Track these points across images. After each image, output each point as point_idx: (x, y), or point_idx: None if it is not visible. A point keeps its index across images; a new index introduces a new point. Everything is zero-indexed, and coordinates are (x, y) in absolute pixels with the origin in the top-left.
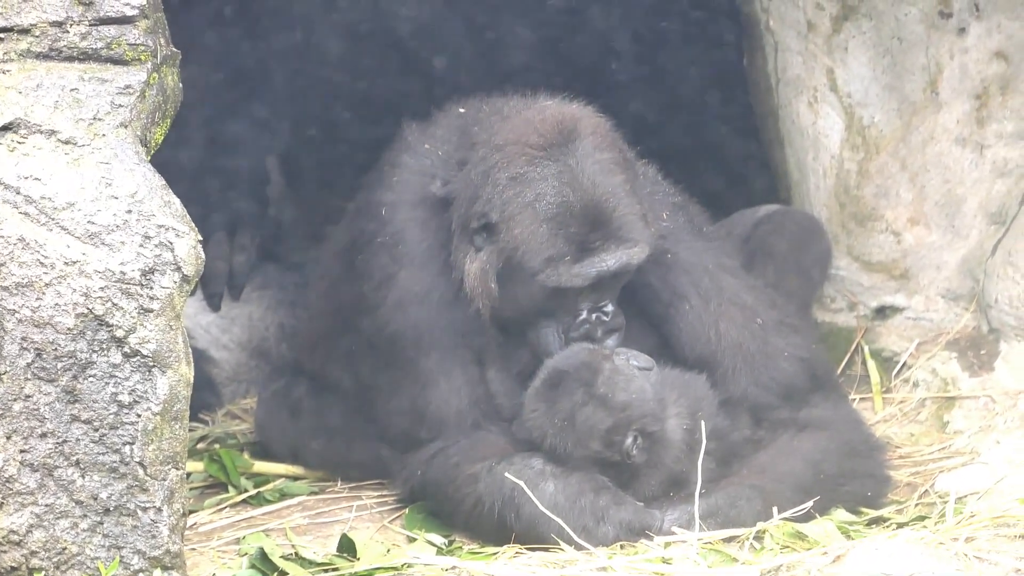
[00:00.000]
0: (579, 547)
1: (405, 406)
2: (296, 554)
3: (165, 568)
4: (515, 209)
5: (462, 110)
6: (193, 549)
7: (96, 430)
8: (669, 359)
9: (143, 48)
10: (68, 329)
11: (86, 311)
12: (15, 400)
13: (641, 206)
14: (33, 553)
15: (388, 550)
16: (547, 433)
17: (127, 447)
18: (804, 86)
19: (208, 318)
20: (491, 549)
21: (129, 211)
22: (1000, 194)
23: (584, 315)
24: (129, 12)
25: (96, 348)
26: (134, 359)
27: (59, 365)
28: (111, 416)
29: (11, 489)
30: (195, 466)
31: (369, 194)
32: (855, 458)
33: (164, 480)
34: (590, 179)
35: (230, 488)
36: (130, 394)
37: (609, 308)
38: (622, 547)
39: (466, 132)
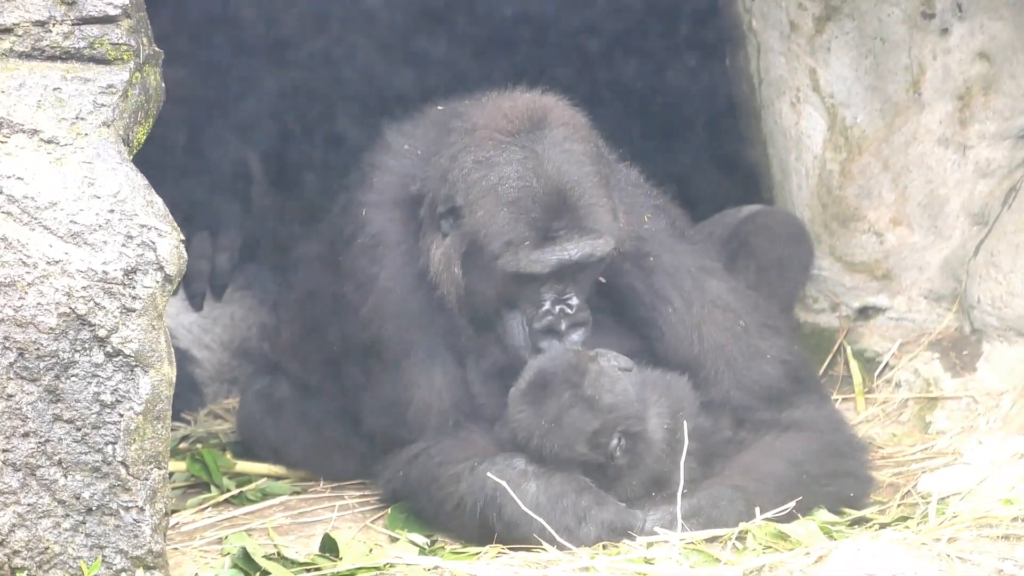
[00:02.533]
0: (561, 547)
1: (387, 406)
2: (278, 554)
3: (147, 568)
4: (479, 192)
5: (440, 108)
6: (175, 549)
7: (78, 429)
8: (651, 362)
9: (126, 47)
10: (50, 328)
11: (68, 310)
12: None
13: (610, 200)
14: (15, 552)
15: (370, 550)
16: (533, 434)
17: (109, 447)
18: (787, 86)
19: (190, 318)
20: (473, 549)
21: (111, 211)
22: (982, 195)
23: (547, 306)
24: (112, 12)
25: (78, 348)
26: (116, 359)
27: (41, 364)
28: (93, 416)
29: None
30: (177, 466)
31: (349, 195)
32: (838, 459)
33: (146, 480)
34: (556, 167)
35: (212, 488)
36: (112, 394)
37: (574, 301)
38: (604, 547)
39: (444, 126)
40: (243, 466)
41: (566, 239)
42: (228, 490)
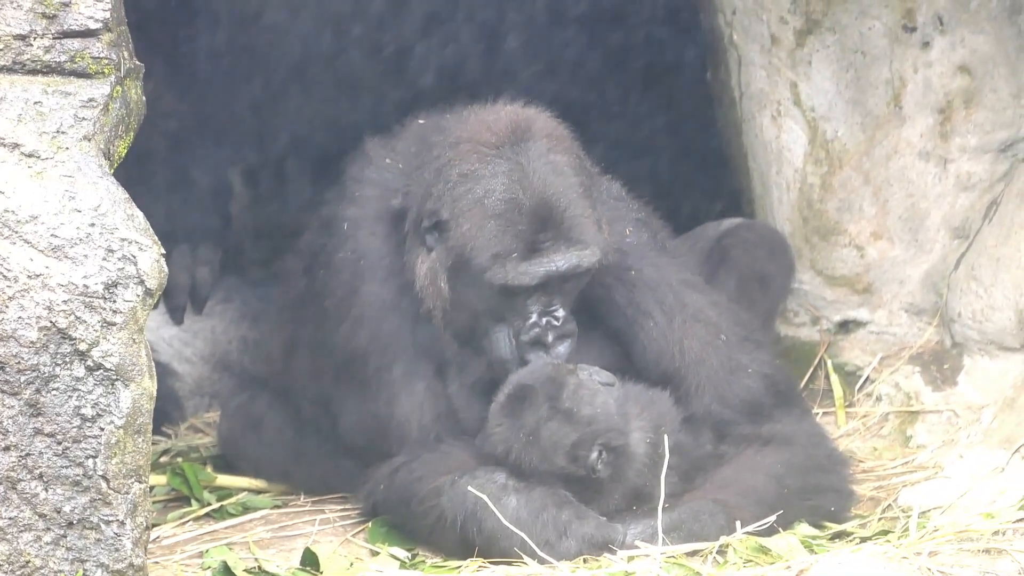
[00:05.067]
0: (542, 561)
1: (368, 420)
2: (259, 568)
3: None
4: (465, 206)
5: (422, 121)
6: (156, 563)
7: (59, 443)
8: (633, 376)
9: (106, 61)
10: (31, 342)
11: (49, 324)
12: None
13: (595, 211)
14: None
15: (351, 564)
16: (512, 448)
17: (90, 460)
18: (768, 100)
19: (171, 331)
20: (454, 563)
21: (92, 224)
22: (963, 208)
23: (534, 318)
24: (92, 25)
25: (59, 361)
26: (97, 372)
27: (22, 378)
28: (74, 429)
29: None
30: (158, 480)
31: (331, 209)
32: (818, 472)
33: (127, 494)
34: (541, 179)
35: (193, 502)
36: (93, 407)
37: (560, 313)
38: (585, 561)
39: (426, 140)
40: (224, 480)
41: (553, 251)
42: (209, 504)
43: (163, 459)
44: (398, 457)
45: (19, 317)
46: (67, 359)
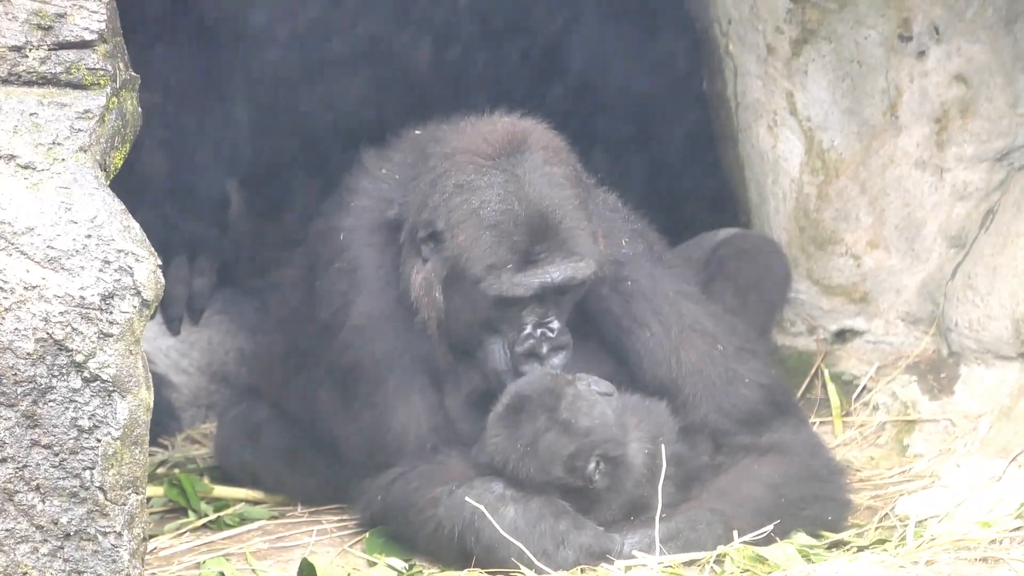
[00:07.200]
0: (539, 571)
1: (365, 431)
2: None
3: None
4: (460, 216)
5: (418, 132)
6: (154, 574)
7: (56, 455)
8: (629, 386)
9: (102, 73)
10: (28, 354)
11: (46, 336)
12: None
13: (590, 223)
14: None
15: (348, 574)
16: (509, 458)
17: (87, 472)
18: (764, 110)
19: (168, 342)
20: (452, 573)
21: (88, 236)
22: (960, 217)
23: (529, 329)
24: (88, 37)
25: (56, 373)
26: (94, 384)
27: (19, 390)
28: (71, 441)
29: None
30: (155, 491)
31: (327, 220)
32: (816, 482)
33: (124, 505)
34: (537, 190)
35: (190, 513)
36: (90, 419)
37: (555, 325)
38: (583, 571)
39: (422, 150)
40: (221, 491)
41: (548, 262)
42: (206, 515)
43: (160, 470)
44: (395, 468)
45: (15, 329)
46: (64, 370)
